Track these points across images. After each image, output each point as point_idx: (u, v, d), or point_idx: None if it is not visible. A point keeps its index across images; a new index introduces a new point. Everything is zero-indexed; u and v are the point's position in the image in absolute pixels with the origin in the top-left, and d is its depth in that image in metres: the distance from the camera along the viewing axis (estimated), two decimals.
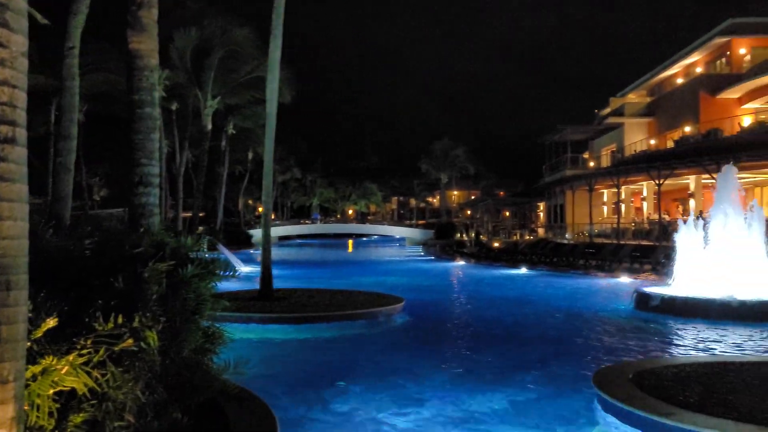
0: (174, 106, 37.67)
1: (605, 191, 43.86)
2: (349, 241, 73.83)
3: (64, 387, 3.23)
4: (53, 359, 3.22)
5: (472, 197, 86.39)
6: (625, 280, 21.24)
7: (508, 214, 69.52)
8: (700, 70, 42.95)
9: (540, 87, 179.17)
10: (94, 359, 3.39)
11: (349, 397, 7.05)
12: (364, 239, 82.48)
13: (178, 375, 4.40)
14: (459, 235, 53.98)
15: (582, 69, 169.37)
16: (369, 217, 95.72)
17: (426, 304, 15.72)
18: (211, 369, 4.88)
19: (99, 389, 3.38)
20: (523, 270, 26.74)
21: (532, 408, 6.70)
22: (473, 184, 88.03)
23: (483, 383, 7.73)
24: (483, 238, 48.07)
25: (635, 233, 34.52)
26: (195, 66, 36.68)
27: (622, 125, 45.90)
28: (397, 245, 62.22)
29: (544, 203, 55.45)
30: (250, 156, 56.61)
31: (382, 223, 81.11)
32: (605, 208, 45.43)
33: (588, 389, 6.64)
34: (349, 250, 58.48)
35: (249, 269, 24.59)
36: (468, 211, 78.36)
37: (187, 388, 4.44)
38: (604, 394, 6.00)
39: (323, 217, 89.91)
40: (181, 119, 39.31)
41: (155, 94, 5.82)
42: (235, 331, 8.22)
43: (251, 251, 40.01)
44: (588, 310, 14.39)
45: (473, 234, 50.85)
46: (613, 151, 46.86)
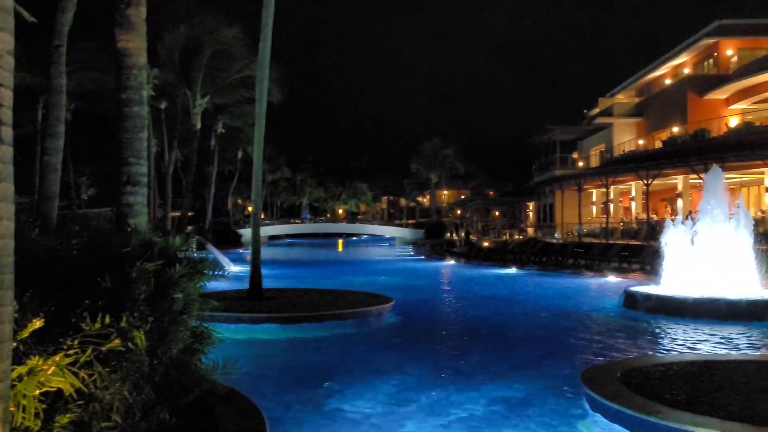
0: (163, 105, 37.45)
1: (594, 191, 44.10)
2: (339, 241, 73.74)
3: (51, 387, 3.21)
4: (39, 360, 3.20)
5: (462, 197, 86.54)
6: (613, 279, 21.35)
7: (497, 213, 69.72)
8: (688, 71, 43.27)
9: (530, 87, 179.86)
10: (81, 359, 3.37)
11: (338, 397, 7.04)
12: (354, 239, 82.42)
13: (166, 375, 4.38)
14: (449, 234, 54.06)
15: (572, 69, 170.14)
16: (359, 217, 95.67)
17: (416, 304, 15.73)
18: (200, 369, 4.87)
19: (86, 390, 3.36)
20: (513, 270, 26.82)
21: (522, 407, 6.72)
22: (463, 184, 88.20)
23: (472, 382, 7.75)
24: (473, 237, 48.16)
25: (624, 233, 34.73)
26: (184, 65, 36.48)
27: (610, 125, 46.15)
28: (387, 245, 62.23)
29: (533, 203, 55.66)
30: (240, 155, 56.40)
31: (372, 222, 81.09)
32: (594, 208, 45.67)
33: (577, 388, 6.67)
34: (339, 249, 58.42)
35: (238, 269, 24.52)
36: (458, 211, 78.49)
37: (176, 388, 4.43)
38: (593, 393, 6.03)
39: (313, 216, 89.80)
40: (170, 118, 39.08)
41: (143, 93, 5.78)
42: (225, 331, 8.20)
43: (241, 251, 39.88)
44: (577, 310, 14.45)
45: (463, 233, 50.95)
46: (602, 151, 47.10)
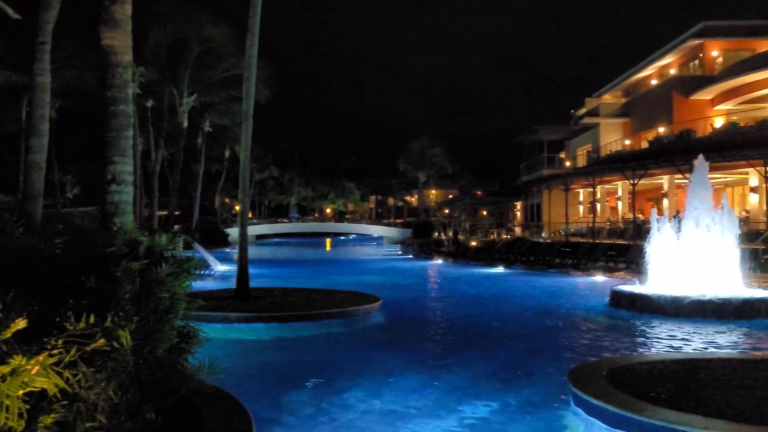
0: (149, 103, 37.25)
1: (581, 191, 44.35)
2: (327, 240, 73.65)
3: (34, 388, 3.18)
4: (23, 360, 3.17)
5: (450, 196, 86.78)
6: (600, 278, 21.49)
7: (485, 213, 69.93)
8: (673, 71, 43.62)
9: (518, 87, 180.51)
10: (66, 359, 3.34)
11: (324, 396, 7.03)
12: (342, 238, 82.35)
13: (152, 375, 4.35)
14: (437, 234, 54.18)
15: (560, 69, 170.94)
16: (347, 216, 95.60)
17: (403, 303, 15.74)
18: (186, 369, 4.84)
19: (70, 390, 3.33)
20: (500, 269, 26.91)
21: (508, 405, 6.74)
22: (451, 183, 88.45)
23: (459, 381, 7.77)
24: (460, 237, 48.29)
25: (610, 232, 34.96)
26: (170, 62, 36.30)
27: (597, 125, 46.43)
28: (375, 244, 62.23)
29: (521, 202, 55.88)
30: (227, 154, 56.18)
31: (360, 222, 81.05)
32: (581, 208, 45.93)
33: (563, 386, 6.70)
34: (327, 249, 58.35)
35: (225, 268, 24.44)
36: (446, 210, 78.66)
37: (162, 388, 4.39)
38: (579, 391, 6.07)
39: (301, 216, 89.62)
40: (157, 116, 38.88)
41: (129, 91, 5.74)
42: (211, 330, 8.15)
43: (228, 250, 39.76)
44: (564, 309, 14.53)
45: (451, 233, 51.07)
46: (588, 151, 47.38)
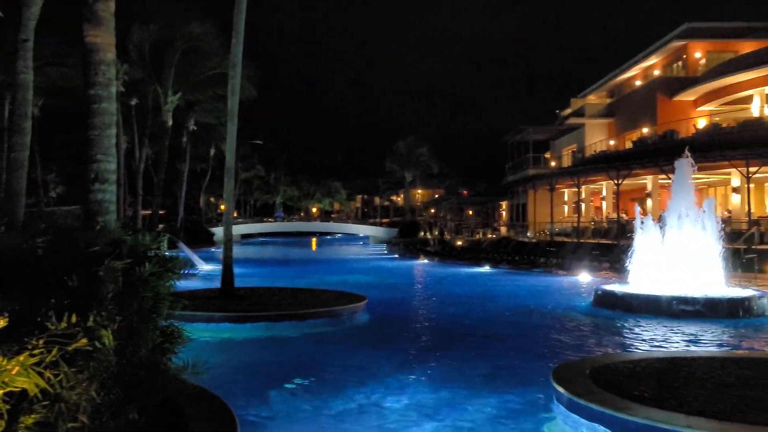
0: (133, 102, 36.97)
1: (566, 191, 44.61)
2: (313, 240, 73.51)
3: (15, 388, 3.15)
4: (3, 360, 3.14)
5: (436, 196, 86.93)
6: (584, 278, 21.64)
7: (471, 212, 70.15)
8: (657, 72, 43.98)
9: (505, 87, 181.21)
10: (47, 359, 3.31)
11: (309, 396, 7.03)
12: (328, 237, 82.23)
13: (136, 375, 4.32)
14: (423, 233, 54.25)
15: (546, 70, 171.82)
16: (333, 216, 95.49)
17: (389, 303, 15.75)
18: (170, 368, 4.81)
19: (51, 390, 3.30)
20: (486, 268, 27.01)
21: (492, 403, 6.77)
22: (437, 183, 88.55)
23: (444, 380, 7.79)
24: (446, 236, 48.41)
25: (594, 232, 35.22)
26: (155, 61, 36.02)
27: (582, 126, 46.72)
28: (361, 244, 62.21)
29: (506, 202, 56.13)
30: (213, 153, 55.87)
31: (346, 221, 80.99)
32: (566, 207, 46.21)
33: (547, 385, 6.74)
34: (313, 248, 58.24)
35: (210, 268, 24.32)
36: (432, 210, 78.80)
37: (145, 388, 4.37)
38: (563, 390, 6.10)
39: (287, 215, 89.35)
40: (141, 115, 38.59)
41: (112, 89, 5.69)
42: (196, 330, 8.12)
43: (213, 249, 39.55)
44: (548, 308, 14.62)
45: (437, 232, 51.19)
46: (573, 152, 47.66)
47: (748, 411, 5.25)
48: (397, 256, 39.73)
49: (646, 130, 39.63)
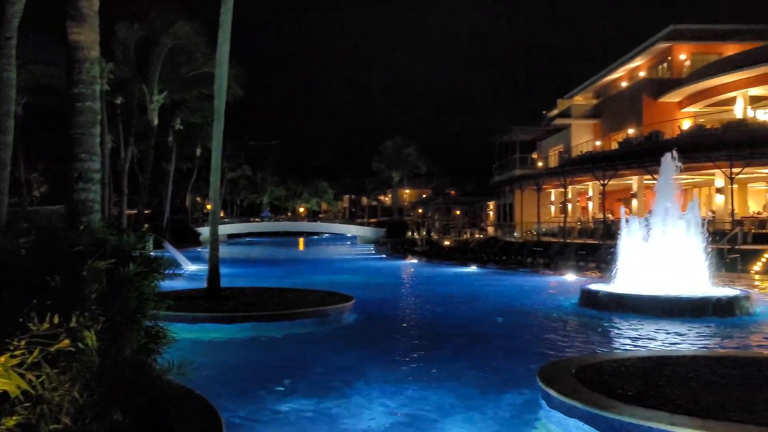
0: (119, 100, 36.69)
1: (553, 191, 44.85)
2: (300, 240, 73.34)
3: None
4: None
5: (424, 196, 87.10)
6: (570, 277, 21.76)
7: (459, 212, 70.34)
8: (643, 74, 44.31)
9: (492, 87, 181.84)
10: (28, 361, 3.27)
11: (296, 397, 7.01)
12: (315, 237, 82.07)
13: (120, 375, 4.29)
14: (410, 233, 54.29)
15: (533, 70, 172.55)
16: (320, 216, 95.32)
17: (376, 303, 15.75)
18: (155, 369, 4.78)
19: (33, 391, 3.26)
20: (473, 268, 27.08)
21: (479, 403, 6.79)
22: (425, 183, 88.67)
23: (431, 380, 7.80)
24: (434, 236, 48.48)
25: (581, 232, 35.44)
26: (141, 59, 35.79)
27: (569, 126, 46.97)
28: (348, 243, 62.15)
29: (494, 202, 56.33)
30: (199, 152, 55.56)
31: (333, 221, 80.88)
32: (552, 208, 46.45)
33: (533, 384, 6.76)
34: (300, 248, 58.10)
35: (196, 268, 24.18)
36: (420, 210, 78.91)
37: (129, 388, 4.33)
38: (548, 389, 6.13)
39: (274, 215, 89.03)
40: (126, 114, 38.31)
41: (96, 88, 5.63)
42: (181, 330, 8.07)
43: (199, 249, 39.36)
44: (535, 307, 14.68)
45: (424, 232, 51.25)
46: (560, 152, 47.91)
47: (731, 409, 5.31)
48: (384, 256, 39.74)
49: (631, 131, 39.93)
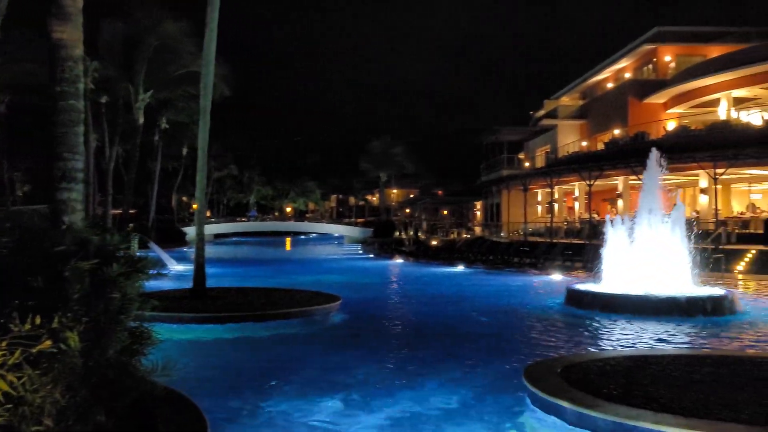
0: (104, 99, 36.39)
1: (539, 191, 45.04)
2: (287, 240, 73.14)
3: None
4: None
5: (411, 196, 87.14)
6: (557, 277, 21.87)
7: (446, 212, 70.48)
8: (628, 75, 44.62)
9: (480, 88, 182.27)
10: (10, 362, 3.24)
11: (282, 397, 6.98)
12: (303, 237, 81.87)
13: (103, 377, 4.25)
14: (398, 233, 54.33)
15: (521, 71, 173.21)
16: (307, 215, 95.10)
17: (363, 303, 15.74)
18: (139, 370, 4.74)
19: (14, 393, 3.23)
20: (460, 268, 27.13)
21: (465, 403, 6.80)
22: (412, 183, 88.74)
23: (417, 380, 7.80)
24: (421, 236, 48.55)
25: (567, 232, 35.65)
26: (126, 58, 35.52)
27: (555, 127, 47.22)
28: (335, 243, 62.06)
29: (481, 202, 56.51)
30: (185, 151, 55.25)
31: (320, 221, 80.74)
32: (539, 208, 46.66)
33: (519, 383, 6.79)
34: (287, 248, 57.95)
35: (182, 268, 24.02)
36: (407, 210, 78.96)
37: (113, 389, 4.30)
38: (534, 389, 6.16)
39: (261, 214, 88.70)
40: (111, 113, 38.01)
41: (80, 86, 5.58)
42: (166, 331, 8.04)
43: (185, 249, 39.14)
44: (521, 307, 14.73)
45: (412, 232, 51.31)
46: (547, 152, 48.15)
47: (713, 408, 5.36)
48: (372, 255, 39.72)
49: (617, 132, 40.20)
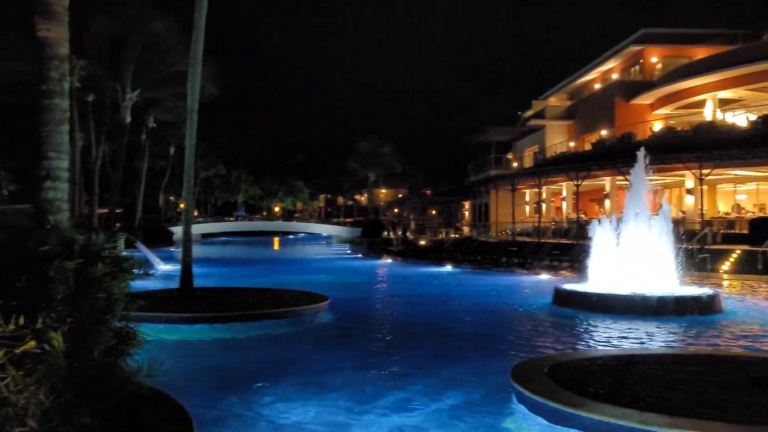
0: (90, 98, 36.13)
1: (527, 191, 45.24)
2: (275, 239, 72.96)
3: None
4: None
5: (400, 195, 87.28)
6: (544, 277, 21.97)
7: (434, 212, 70.61)
8: (616, 76, 44.95)
9: (468, 88, 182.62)
10: None
11: (269, 398, 6.96)
12: (291, 237, 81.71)
13: (88, 377, 4.22)
14: (386, 233, 54.37)
15: (509, 71, 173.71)
16: (296, 215, 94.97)
17: (352, 302, 15.72)
18: (125, 371, 4.71)
19: None
20: (448, 268, 27.17)
21: (452, 402, 6.81)
22: (401, 183, 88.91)
23: (405, 380, 7.80)
24: (409, 236, 48.60)
25: (555, 232, 35.82)
26: (113, 56, 35.30)
27: (543, 127, 47.46)
28: (324, 243, 61.98)
29: (469, 202, 56.65)
30: (173, 151, 54.98)
31: (309, 220, 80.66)
32: (527, 208, 46.87)
33: (506, 383, 6.81)
34: (275, 248, 57.80)
35: (169, 267, 23.92)
36: (395, 210, 79.03)
37: (98, 391, 4.27)
38: (521, 388, 6.18)
39: (249, 214, 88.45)
40: (98, 112, 37.74)
41: (65, 85, 5.53)
42: (153, 331, 7.99)
43: (172, 249, 38.92)
44: (509, 307, 14.78)
45: (400, 232, 51.37)
46: (535, 153, 48.39)
47: (699, 406, 5.40)
48: (360, 255, 39.70)
49: (604, 133, 40.47)
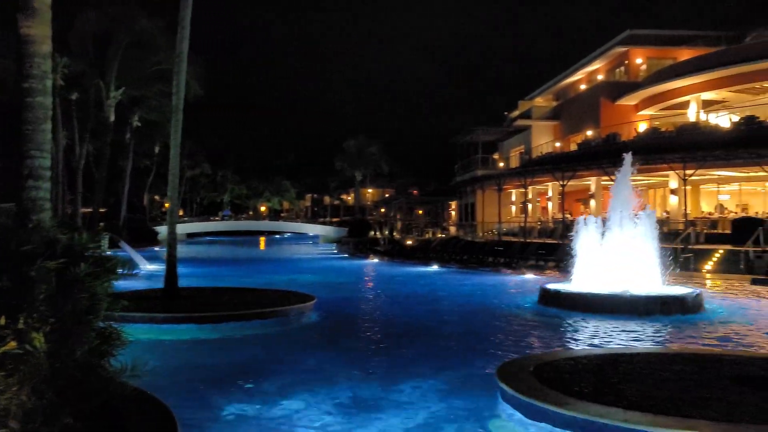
0: (74, 96, 35.80)
1: (513, 191, 45.45)
2: (261, 239, 72.69)
3: None
4: None
5: (387, 195, 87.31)
6: (530, 276, 22.06)
7: (421, 212, 70.72)
8: (601, 77, 45.26)
9: (455, 88, 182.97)
10: None
11: (254, 398, 6.93)
12: (277, 237, 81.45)
13: (71, 378, 4.18)
14: (373, 233, 54.33)
15: (496, 71, 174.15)
16: (282, 215, 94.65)
17: (338, 302, 15.70)
18: (108, 371, 4.67)
19: None
20: (435, 267, 27.21)
21: (438, 401, 6.82)
22: (388, 182, 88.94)
23: (391, 380, 7.80)
24: (396, 236, 48.63)
25: (541, 232, 36.03)
26: (97, 55, 35.00)
27: (529, 128, 47.67)
28: (310, 243, 61.85)
29: (456, 202, 56.80)
30: (158, 150, 54.60)
31: (295, 220, 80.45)
32: (513, 208, 47.08)
33: (492, 382, 6.83)
34: (262, 247, 57.59)
35: (154, 267, 23.74)
36: (382, 209, 79.05)
37: (80, 391, 4.23)
38: (506, 387, 6.20)
39: (235, 214, 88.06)
40: (82, 110, 37.41)
41: (48, 83, 5.47)
42: (137, 331, 7.92)
43: (157, 249, 38.67)
44: (495, 306, 14.82)
45: (387, 232, 51.37)
46: (521, 153, 48.58)
47: (682, 405, 5.45)
48: (346, 255, 39.66)
49: (590, 133, 40.73)
